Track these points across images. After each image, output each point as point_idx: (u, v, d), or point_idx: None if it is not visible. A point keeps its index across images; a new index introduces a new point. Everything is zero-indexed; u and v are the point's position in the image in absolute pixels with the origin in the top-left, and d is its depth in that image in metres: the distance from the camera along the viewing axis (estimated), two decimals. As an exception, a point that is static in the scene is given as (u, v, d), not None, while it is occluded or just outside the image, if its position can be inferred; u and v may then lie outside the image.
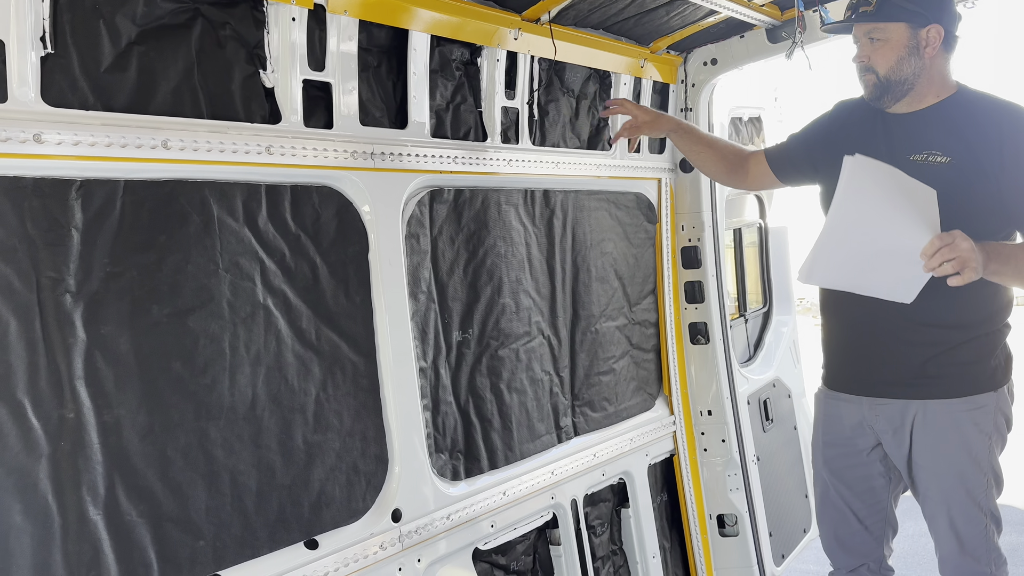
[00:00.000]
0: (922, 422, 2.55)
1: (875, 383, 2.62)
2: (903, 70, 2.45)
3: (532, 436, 3.07)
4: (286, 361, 2.25)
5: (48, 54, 1.78)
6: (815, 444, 2.87)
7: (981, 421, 2.50)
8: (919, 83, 2.47)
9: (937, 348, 2.50)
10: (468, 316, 2.84)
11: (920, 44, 2.43)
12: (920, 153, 2.44)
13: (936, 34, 2.43)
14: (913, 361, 2.53)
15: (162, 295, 1.99)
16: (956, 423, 2.51)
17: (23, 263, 1.76)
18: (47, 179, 1.80)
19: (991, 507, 2.55)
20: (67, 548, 1.79)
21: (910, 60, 2.44)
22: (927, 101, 2.51)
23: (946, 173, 2.39)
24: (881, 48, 2.45)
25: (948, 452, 2.53)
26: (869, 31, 2.47)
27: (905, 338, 2.52)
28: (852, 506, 2.78)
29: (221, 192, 2.11)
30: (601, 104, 3.44)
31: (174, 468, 1.99)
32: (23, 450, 1.74)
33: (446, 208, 2.77)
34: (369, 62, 2.51)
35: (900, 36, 2.43)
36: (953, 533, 2.56)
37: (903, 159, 2.44)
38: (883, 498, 2.77)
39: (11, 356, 1.73)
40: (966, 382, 2.51)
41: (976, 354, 2.50)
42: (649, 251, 3.76)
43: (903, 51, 2.43)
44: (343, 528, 2.36)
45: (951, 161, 2.40)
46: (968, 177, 2.38)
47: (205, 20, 2.08)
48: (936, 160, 2.42)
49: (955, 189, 2.36)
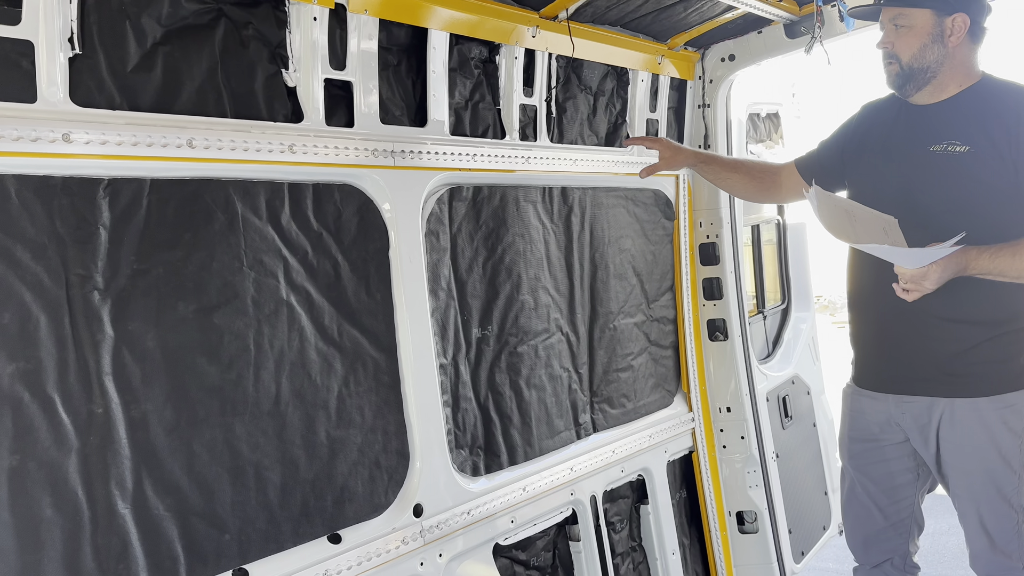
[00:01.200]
0: (949, 420, 2.53)
1: (901, 380, 2.61)
2: (926, 58, 2.44)
3: (551, 432, 3.08)
4: (309, 357, 2.27)
5: (76, 55, 1.81)
6: (842, 440, 2.87)
7: (1011, 420, 2.48)
8: (942, 72, 2.46)
9: (962, 345, 2.48)
10: (487, 313, 2.86)
11: (944, 32, 2.42)
12: (940, 143, 2.43)
13: (962, 23, 2.42)
14: (939, 358, 2.51)
15: (188, 292, 2.01)
16: (984, 422, 2.49)
17: (53, 261, 1.79)
18: (75, 178, 1.83)
19: (1022, 503, 2.52)
20: (96, 541, 1.82)
21: (933, 48, 2.43)
22: (949, 91, 2.49)
23: (965, 162, 2.38)
24: (905, 35, 2.44)
25: (977, 451, 2.51)
26: (894, 16, 2.46)
27: (930, 334, 2.51)
28: (878, 502, 2.77)
29: (245, 190, 2.14)
30: (619, 100, 3.44)
31: (200, 463, 2.02)
32: (53, 444, 1.77)
33: (465, 205, 2.79)
34: (389, 61, 2.53)
35: (925, 23, 2.42)
36: (983, 530, 2.55)
37: (923, 150, 2.44)
38: (909, 494, 2.76)
39: (41, 352, 1.76)
40: (994, 381, 2.48)
41: (1004, 352, 2.48)
42: (667, 248, 3.76)
43: (927, 38, 2.42)
44: (366, 523, 2.38)
45: (970, 150, 2.38)
46: (987, 165, 2.36)
47: (228, 20, 2.11)
48: (955, 150, 2.40)
49: (974, 178, 2.36)
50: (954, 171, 2.37)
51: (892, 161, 2.56)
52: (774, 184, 2.99)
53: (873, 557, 2.82)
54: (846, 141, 2.78)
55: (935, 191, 2.45)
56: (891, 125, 2.60)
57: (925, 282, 2.23)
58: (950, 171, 2.38)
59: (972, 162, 2.38)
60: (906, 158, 2.52)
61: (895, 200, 2.47)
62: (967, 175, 2.36)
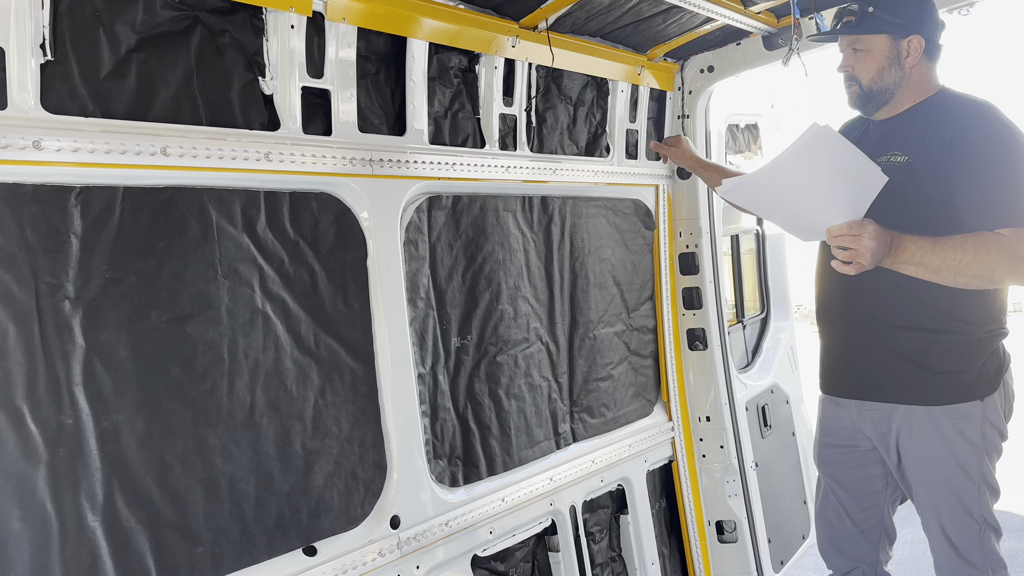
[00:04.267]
0: (907, 429, 2.55)
1: (861, 386, 2.66)
2: (884, 80, 2.51)
3: (531, 442, 3.07)
4: (285, 367, 2.25)
5: (48, 61, 1.79)
6: (815, 445, 2.91)
7: (967, 430, 2.49)
8: (899, 91, 2.53)
9: (910, 353, 2.51)
10: (466, 322, 2.85)
11: (901, 54, 2.49)
12: (885, 155, 2.46)
13: (917, 44, 2.48)
14: (891, 365, 2.55)
15: (161, 301, 1.99)
16: (940, 432, 2.50)
17: (22, 269, 1.76)
18: (46, 185, 1.80)
19: (985, 514, 2.53)
20: (65, 554, 1.79)
21: (891, 70, 2.50)
22: (903, 106, 2.56)
23: (902, 172, 2.40)
24: (864, 59, 2.52)
25: (935, 460, 2.52)
26: (852, 41, 2.53)
27: (888, 342, 2.54)
28: (848, 508, 2.79)
29: (220, 199, 2.12)
30: (599, 110, 3.45)
31: (172, 474, 1.99)
32: (22, 456, 1.74)
33: (444, 214, 2.78)
34: (368, 69, 2.52)
35: (882, 47, 2.49)
36: (946, 539, 2.57)
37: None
38: (879, 502, 2.78)
39: (10, 362, 1.73)
40: (946, 391, 2.49)
41: (956, 362, 2.48)
42: (647, 257, 3.77)
43: (884, 62, 2.50)
44: (342, 535, 2.36)
45: (908, 160, 2.43)
46: (922, 175, 2.40)
47: (204, 28, 2.09)
48: (895, 160, 2.45)
49: (910, 188, 2.39)
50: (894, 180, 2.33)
51: None
52: None
53: (843, 564, 2.84)
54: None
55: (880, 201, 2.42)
56: (858, 140, 2.64)
57: (863, 239, 2.11)
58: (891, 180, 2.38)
59: (908, 172, 2.41)
60: None
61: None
62: (903, 184, 2.39)
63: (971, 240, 2.23)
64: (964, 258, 2.21)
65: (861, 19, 2.49)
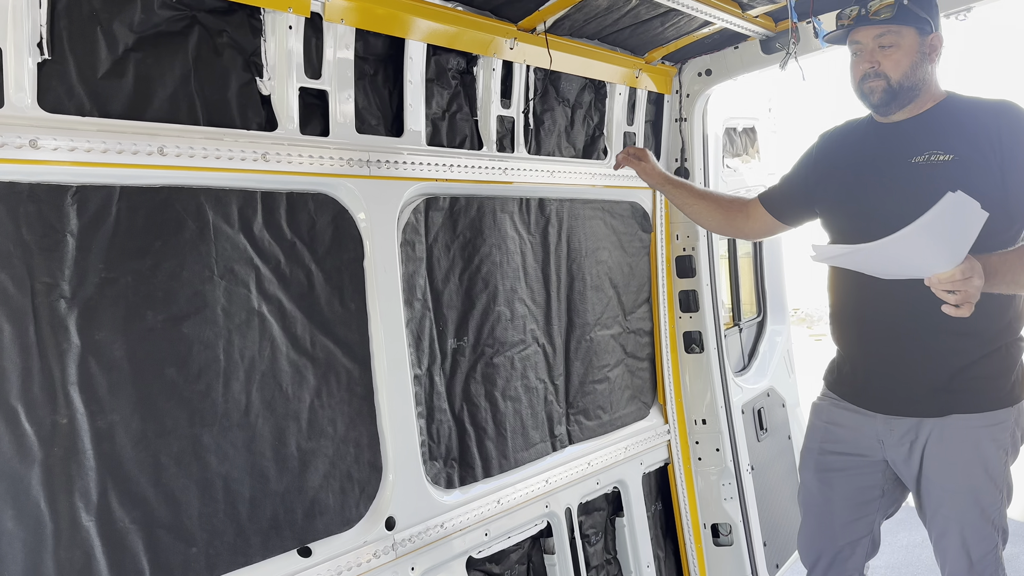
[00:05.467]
0: (939, 437, 2.46)
1: (895, 400, 2.53)
2: (916, 75, 2.44)
3: (526, 444, 3.06)
4: (280, 368, 2.25)
5: (45, 60, 1.79)
6: (808, 451, 2.78)
7: (1000, 436, 2.44)
8: (924, 89, 2.47)
9: (960, 360, 2.43)
10: (463, 324, 2.85)
11: (927, 50, 2.45)
12: (921, 154, 2.41)
13: (939, 41, 2.46)
14: (939, 375, 2.45)
15: (157, 301, 1.99)
16: (974, 439, 2.44)
17: (18, 268, 1.76)
18: (43, 185, 1.80)
19: (1003, 523, 2.49)
20: (59, 554, 1.78)
21: (922, 65, 2.45)
22: (924, 106, 2.51)
23: (950, 170, 2.36)
24: (893, 54, 2.44)
25: (963, 468, 2.45)
26: (880, 35, 2.43)
27: (927, 349, 2.44)
28: (840, 517, 2.70)
29: (217, 199, 2.12)
30: (597, 113, 3.46)
31: (167, 474, 1.98)
32: (16, 455, 1.73)
33: (441, 216, 2.78)
34: (365, 70, 2.53)
35: (912, 41, 2.43)
36: (964, 552, 2.48)
37: (904, 163, 2.43)
38: (871, 511, 2.69)
39: (5, 361, 1.73)
40: (988, 397, 2.44)
41: (997, 368, 2.44)
42: (644, 260, 3.77)
43: (916, 56, 2.43)
44: (336, 536, 2.35)
45: (954, 158, 2.38)
46: (972, 172, 2.35)
47: (202, 27, 2.09)
48: (938, 159, 2.39)
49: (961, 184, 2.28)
50: (940, 179, 2.32)
51: (869, 178, 2.53)
52: (741, 215, 2.94)
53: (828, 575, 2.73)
54: (809, 171, 2.75)
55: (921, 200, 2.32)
56: (861, 145, 2.58)
57: (974, 280, 2.02)
58: (936, 179, 2.34)
59: (957, 169, 2.36)
60: (885, 173, 2.49)
61: (877, 216, 2.43)
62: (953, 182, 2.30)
63: None
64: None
65: (899, 10, 2.40)
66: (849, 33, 2.49)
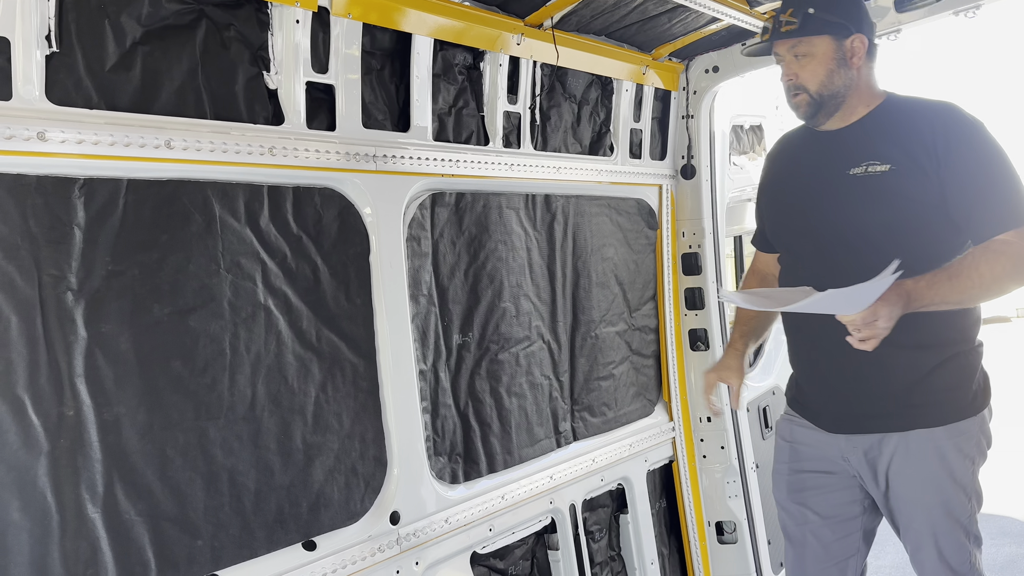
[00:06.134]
0: (904, 453, 2.40)
1: (854, 418, 2.46)
2: (834, 83, 2.39)
3: (531, 440, 3.07)
4: (286, 362, 2.25)
5: (53, 53, 1.79)
6: (777, 473, 2.68)
7: (965, 447, 2.39)
8: (850, 95, 2.41)
9: (918, 372, 2.36)
10: (468, 319, 2.85)
11: (847, 55, 2.38)
12: (859, 166, 2.36)
13: (860, 43, 2.39)
14: (895, 390, 2.38)
15: (163, 294, 1.99)
16: (939, 452, 2.37)
17: (25, 260, 1.76)
18: (50, 177, 1.80)
19: (975, 530, 2.44)
20: (65, 545, 1.79)
21: (840, 72, 2.38)
22: (858, 113, 2.44)
23: (888, 181, 2.31)
24: (808, 64, 2.39)
25: (932, 482, 2.39)
26: (793, 47, 2.39)
27: (885, 364, 2.34)
28: (822, 538, 2.58)
29: (223, 192, 2.12)
30: (603, 109, 3.45)
31: (173, 467, 1.99)
32: (23, 447, 1.74)
33: (447, 211, 2.78)
34: (372, 65, 2.53)
35: (826, 49, 2.37)
36: (943, 563, 2.41)
37: (842, 174, 2.38)
38: (855, 528, 2.58)
39: (12, 353, 1.74)
40: (950, 410, 2.37)
41: (955, 379, 2.38)
42: (650, 257, 3.76)
43: (831, 64, 2.37)
44: (341, 530, 2.36)
45: (891, 168, 2.32)
46: (910, 182, 2.29)
47: (209, 21, 2.09)
48: (876, 170, 2.34)
49: (900, 195, 2.29)
50: (878, 191, 2.29)
51: (807, 191, 2.47)
52: (769, 274, 2.81)
53: None
54: (769, 189, 2.70)
55: (862, 214, 2.35)
56: (801, 156, 2.53)
57: (878, 323, 2.07)
58: (874, 191, 2.30)
59: (895, 180, 2.30)
60: (823, 185, 2.43)
61: (817, 231, 2.41)
62: (893, 192, 2.29)
63: (982, 260, 2.16)
64: (982, 282, 2.16)
65: (803, 22, 2.35)
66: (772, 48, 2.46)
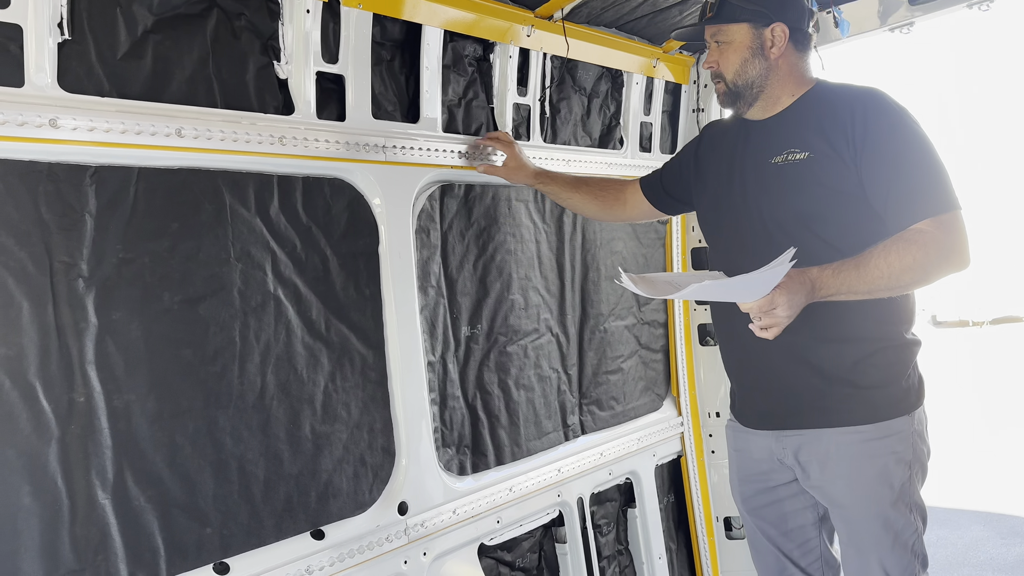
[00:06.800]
0: (832, 452, 2.29)
1: (779, 414, 2.38)
2: (748, 72, 2.34)
3: (539, 433, 3.06)
4: (295, 351, 2.26)
5: (65, 40, 1.80)
6: (732, 484, 2.63)
7: (899, 449, 2.25)
8: (769, 85, 2.35)
9: (838, 367, 2.27)
10: (477, 311, 2.85)
11: (764, 44, 2.32)
12: (780, 154, 2.30)
13: (781, 32, 2.31)
14: (816, 384, 2.29)
15: (173, 282, 2.00)
16: (871, 452, 2.25)
17: (37, 247, 1.77)
18: (62, 164, 1.81)
19: (921, 549, 2.31)
20: (75, 531, 1.80)
21: (754, 62, 2.33)
22: (783, 103, 2.38)
23: (807, 168, 2.25)
24: (726, 51, 2.35)
25: (869, 491, 2.27)
26: (714, 34, 2.37)
27: (808, 358, 2.29)
28: (782, 547, 2.52)
29: (234, 181, 2.13)
30: (613, 102, 3.44)
31: (182, 455, 2.00)
32: (33, 432, 1.75)
33: (456, 203, 2.78)
34: (382, 56, 2.53)
35: (743, 38, 2.33)
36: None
37: (765, 163, 2.34)
38: (814, 535, 2.52)
39: (23, 339, 1.75)
40: (877, 406, 2.26)
41: (883, 374, 2.27)
42: (659, 251, 3.76)
43: (746, 53, 2.33)
44: (350, 519, 2.36)
45: (810, 156, 2.25)
46: (829, 169, 2.22)
47: (220, 10, 2.10)
48: (795, 158, 2.28)
49: (818, 184, 2.23)
50: (797, 179, 2.23)
51: (735, 180, 2.43)
52: (619, 204, 2.86)
53: None
54: (687, 162, 2.68)
55: (782, 202, 2.29)
56: (732, 145, 2.48)
57: (777, 311, 1.97)
58: (794, 179, 2.24)
59: (813, 167, 2.24)
60: (749, 174, 2.39)
61: (743, 219, 2.38)
62: (811, 180, 2.23)
63: (892, 249, 2.06)
64: (891, 271, 2.04)
65: (719, 9, 2.31)
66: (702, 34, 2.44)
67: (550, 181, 2.84)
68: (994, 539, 5.50)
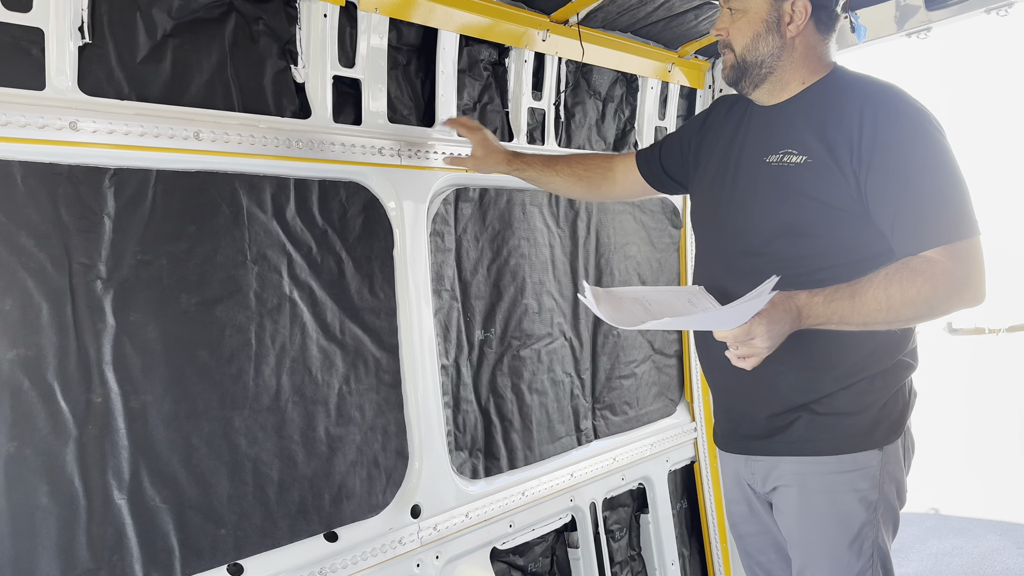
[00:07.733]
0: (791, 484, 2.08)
1: (745, 438, 2.18)
2: (759, 48, 2.05)
3: (552, 437, 3.06)
4: (310, 354, 2.27)
5: (85, 44, 1.82)
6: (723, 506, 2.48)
7: (862, 487, 2.00)
8: (780, 66, 2.06)
9: (807, 396, 2.04)
10: (490, 315, 2.85)
11: (782, 19, 2.03)
12: (776, 153, 2.02)
13: (802, 8, 2.02)
14: (780, 409, 2.07)
15: (191, 284, 2.01)
16: (828, 488, 2.02)
17: (56, 248, 1.79)
18: (81, 166, 1.83)
19: None
20: (91, 530, 1.81)
21: (767, 37, 2.04)
22: (791, 89, 2.09)
23: (802, 175, 1.96)
24: (739, 20, 2.07)
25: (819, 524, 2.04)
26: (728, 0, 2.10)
27: (774, 384, 2.06)
28: (770, 569, 2.32)
29: (251, 184, 2.14)
30: (628, 107, 3.44)
31: (198, 456, 2.01)
32: (52, 432, 1.77)
33: (471, 207, 2.79)
34: (399, 60, 2.54)
35: (759, 7, 2.04)
36: None
37: (759, 161, 2.07)
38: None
39: (42, 340, 1.76)
40: (842, 436, 2.01)
41: (854, 404, 2.01)
42: (673, 256, 3.75)
43: (760, 26, 2.04)
44: (363, 522, 2.37)
45: (808, 161, 1.96)
46: (824, 179, 1.94)
47: (239, 15, 2.12)
48: (792, 160, 1.99)
49: (813, 194, 1.95)
50: (788, 186, 1.96)
51: (728, 174, 2.17)
52: (606, 181, 2.58)
53: None
54: (687, 141, 2.40)
55: (766, 210, 2.03)
56: (733, 132, 2.22)
57: (755, 341, 1.75)
58: (784, 185, 1.98)
59: (809, 174, 1.95)
60: (742, 170, 2.13)
61: (724, 223, 2.13)
62: (806, 189, 1.95)
63: (895, 278, 1.80)
64: (891, 304, 1.79)
65: None
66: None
67: (525, 166, 2.58)
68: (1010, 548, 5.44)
